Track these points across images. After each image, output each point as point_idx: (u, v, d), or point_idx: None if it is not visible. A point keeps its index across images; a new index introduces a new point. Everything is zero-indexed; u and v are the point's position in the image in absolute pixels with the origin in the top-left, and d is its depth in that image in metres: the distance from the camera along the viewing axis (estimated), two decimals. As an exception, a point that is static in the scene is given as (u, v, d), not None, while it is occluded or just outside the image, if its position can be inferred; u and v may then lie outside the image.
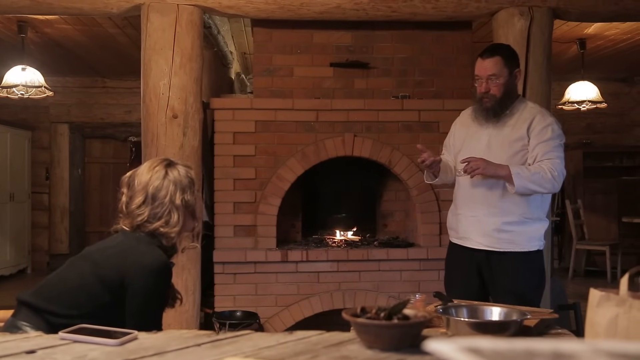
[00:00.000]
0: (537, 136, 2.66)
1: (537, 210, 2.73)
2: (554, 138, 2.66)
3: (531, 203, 2.70)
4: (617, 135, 7.93)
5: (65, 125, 7.71)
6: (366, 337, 1.29)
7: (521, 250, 2.70)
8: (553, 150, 2.64)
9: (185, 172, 1.95)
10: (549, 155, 2.63)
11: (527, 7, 3.78)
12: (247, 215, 4.12)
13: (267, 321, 4.06)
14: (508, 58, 2.74)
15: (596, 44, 5.83)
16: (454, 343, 0.52)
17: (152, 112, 3.67)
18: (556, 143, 2.66)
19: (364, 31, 4.36)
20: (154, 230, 1.88)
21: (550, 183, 2.59)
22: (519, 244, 2.69)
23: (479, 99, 2.78)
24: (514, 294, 2.62)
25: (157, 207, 1.87)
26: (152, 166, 1.93)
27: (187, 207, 1.93)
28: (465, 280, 2.83)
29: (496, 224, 2.70)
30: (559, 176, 2.60)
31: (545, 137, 2.65)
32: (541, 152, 2.64)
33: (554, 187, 2.62)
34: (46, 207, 7.69)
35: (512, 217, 2.69)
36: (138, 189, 1.89)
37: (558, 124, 2.74)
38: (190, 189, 1.94)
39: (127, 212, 1.91)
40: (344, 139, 4.15)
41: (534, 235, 2.72)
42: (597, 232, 7.33)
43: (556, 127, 2.70)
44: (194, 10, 3.70)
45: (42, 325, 1.74)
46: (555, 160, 2.62)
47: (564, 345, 0.50)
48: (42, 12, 3.92)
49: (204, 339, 1.35)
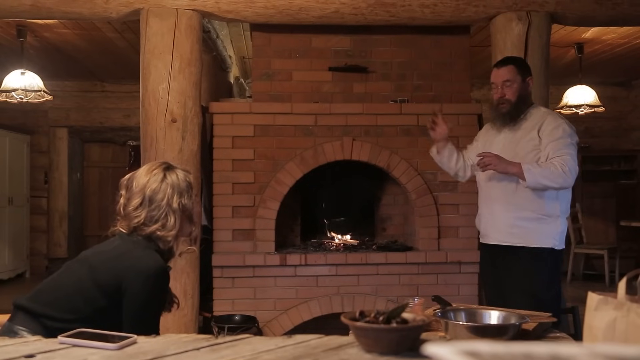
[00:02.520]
0: (548, 136, 2.76)
1: (552, 207, 2.78)
2: (564, 137, 2.74)
3: (546, 200, 2.76)
4: (615, 139, 7.94)
5: (64, 129, 7.71)
6: (365, 341, 1.30)
7: (533, 246, 2.75)
8: (563, 148, 2.72)
9: (183, 176, 1.95)
10: (560, 152, 2.71)
11: (525, 12, 3.79)
12: (245, 219, 4.12)
13: (265, 325, 4.06)
14: (520, 66, 2.91)
15: (594, 48, 5.84)
16: (452, 346, 0.52)
17: (151, 116, 3.67)
18: (567, 142, 2.74)
19: (363, 35, 4.38)
20: (151, 234, 1.88)
21: (561, 177, 2.66)
22: (530, 240, 2.76)
23: (496, 105, 2.92)
24: (523, 291, 2.70)
25: (154, 209, 1.87)
26: (151, 169, 1.94)
27: (185, 211, 1.92)
28: (491, 277, 2.96)
29: (510, 220, 2.80)
30: (570, 172, 2.67)
31: (556, 136, 2.74)
32: (552, 150, 2.73)
33: (566, 181, 2.69)
34: (45, 211, 7.68)
35: (525, 213, 2.77)
36: (136, 191, 1.89)
37: (570, 125, 2.83)
38: (188, 193, 1.94)
39: (124, 214, 1.91)
40: (342, 143, 4.16)
41: (547, 232, 2.77)
42: (595, 235, 7.34)
43: (567, 127, 2.79)
44: (193, 14, 3.70)
45: (39, 330, 1.74)
46: (566, 157, 2.69)
47: (562, 349, 0.51)
48: (41, 16, 3.92)
49: (202, 343, 1.36)
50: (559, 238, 2.80)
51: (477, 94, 6.92)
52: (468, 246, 4.25)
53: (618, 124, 7.92)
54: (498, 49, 3.88)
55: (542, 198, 2.76)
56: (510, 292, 2.78)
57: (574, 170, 2.69)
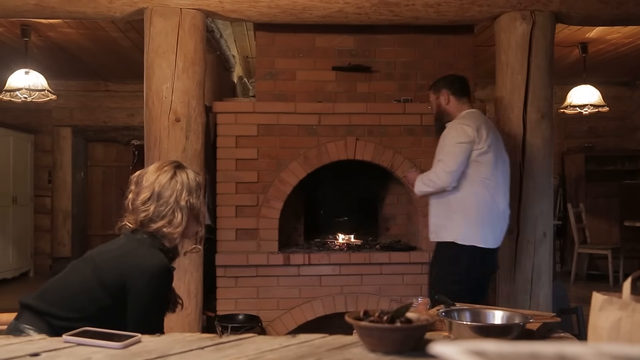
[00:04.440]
0: (439, 145, 3.28)
1: (454, 211, 3.21)
2: (446, 144, 3.21)
3: (450, 204, 3.21)
4: (619, 139, 7.92)
5: (68, 129, 7.73)
6: (369, 341, 1.29)
7: (439, 240, 3.28)
8: (441, 152, 3.22)
9: (193, 176, 1.98)
10: (438, 158, 3.23)
11: (529, 11, 3.79)
12: (249, 218, 4.12)
13: (269, 324, 4.06)
14: (433, 87, 3.49)
15: (598, 47, 5.83)
16: (459, 346, 0.52)
17: (155, 116, 3.68)
18: (447, 149, 3.19)
19: (366, 35, 4.37)
20: (157, 230, 1.89)
21: (432, 181, 3.20)
22: (438, 235, 3.28)
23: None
24: (431, 277, 3.37)
25: (162, 205, 1.89)
26: (162, 166, 1.96)
27: (192, 209, 1.94)
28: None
29: (430, 220, 3.36)
30: (441, 173, 3.16)
31: (441, 144, 3.25)
32: (437, 157, 3.25)
33: (436, 184, 3.19)
34: (49, 210, 7.70)
35: (437, 215, 3.29)
36: (145, 186, 1.91)
37: (461, 129, 3.19)
38: (197, 193, 1.96)
39: (132, 209, 1.91)
40: (346, 142, 4.16)
41: (450, 229, 3.20)
42: (599, 235, 7.32)
43: (453, 132, 3.22)
44: (196, 14, 3.71)
45: (44, 328, 1.75)
46: (439, 162, 3.19)
47: (568, 348, 0.51)
48: (45, 16, 3.93)
49: (207, 342, 1.36)
50: (465, 234, 3.16)
51: (481, 93, 6.91)
52: (472, 246, 4.24)
53: (622, 123, 7.90)
54: (502, 49, 3.87)
55: (445, 203, 3.21)
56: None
57: (442, 171, 3.15)
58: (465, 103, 3.36)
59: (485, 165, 3.16)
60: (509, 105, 3.82)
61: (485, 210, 3.16)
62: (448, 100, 3.36)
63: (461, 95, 3.36)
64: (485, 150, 3.15)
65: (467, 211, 3.16)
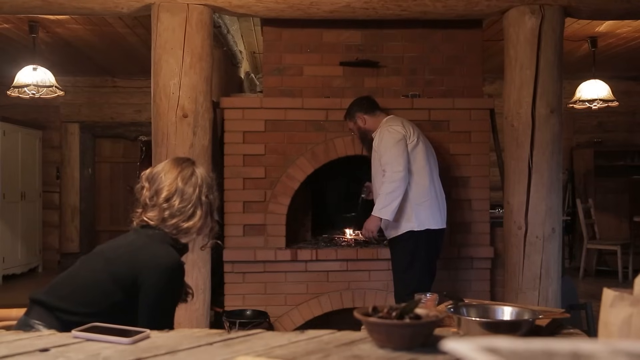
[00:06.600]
0: (381, 152, 3.53)
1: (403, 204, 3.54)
2: (385, 150, 3.51)
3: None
4: (628, 134, 7.87)
5: (75, 125, 7.75)
6: (378, 337, 1.29)
7: (397, 235, 3.61)
8: (383, 158, 3.51)
9: (208, 173, 2.01)
10: (383, 167, 3.50)
11: (538, 5, 3.75)
12: (256, 214, 4.13)
13: (276, 320, 4.07)
14: (348, 114, 3.83)
15: (607, 42, 5.78)
16: (471, 343, 0.51)
17: (162, 112, 3.68)
18: (388, 153, 3.48)
19: (374, 30, 4.35)
20: (175, 226, 1.89)
21: (392, 191, 3.46)
22: (397, 230, 3.59)
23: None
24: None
25: (185, 201, 1.90)
26: (179, 162, 1.97)
27: (210, 205, 1.95)
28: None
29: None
30: (394, 176, 3.45)
31: (381, 151, 3.53)
32: (380, 167, 3.52)
33: (396, 190, 3.46)
34: (57, 206, 7.73)
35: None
36: (166, 183, 1.91)
37: (389, 129, 3.56)
38: (214, 188, 1.99)
39: (151, 206, 1.91)
40: (353, 138, 4.14)
41: (404, 221, 3.55)
42: (608, 231, 7.29)
43: (385, 136, 3.54)
44: (204, 9, 3.70)
45: (54, 324, 1.75)
46: (387, 167, 3.47)
47: (582, 346, 0.50)
48: (53, 12, 3.93)
49: (215, 337, 1.36)
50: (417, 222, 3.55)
51: (489, 88, 6.87)
52: (480, 242, 4.23)
53: (632, 118, 7.84)
54: (511, 43, 3.84)
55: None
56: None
57: (391, 172, 3.45)
58: (379, 115, 3.76)
59: (420, 156, 3.58)
60: (517, 100, 3.79)
61: (428, 196, 3.57)
62: (364, 120, 3.75)
63: (373, 111, 3.76)
64: (416, 142, 3.58)
65: (414, 200, 3.53)
